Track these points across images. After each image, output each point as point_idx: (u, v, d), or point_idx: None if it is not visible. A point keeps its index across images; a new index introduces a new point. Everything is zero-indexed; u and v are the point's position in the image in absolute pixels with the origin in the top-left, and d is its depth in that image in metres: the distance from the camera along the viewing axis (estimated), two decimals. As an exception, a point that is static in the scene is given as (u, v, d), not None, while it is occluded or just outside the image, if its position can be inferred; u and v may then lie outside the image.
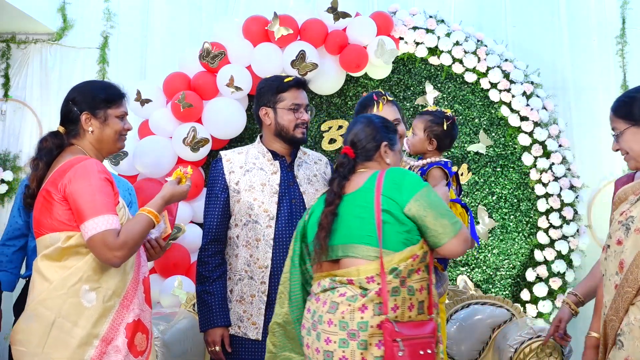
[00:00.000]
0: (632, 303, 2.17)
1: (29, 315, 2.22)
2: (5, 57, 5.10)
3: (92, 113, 2.37)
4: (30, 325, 2.20)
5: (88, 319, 2.22)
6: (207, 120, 4.32)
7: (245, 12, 4.74)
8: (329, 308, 2.20)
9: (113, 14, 5.10)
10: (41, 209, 2.27)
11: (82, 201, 2.20)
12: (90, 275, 2.24)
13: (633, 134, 2.29)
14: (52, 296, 2.20)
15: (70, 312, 2.20)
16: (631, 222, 2.21)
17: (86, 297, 2.23)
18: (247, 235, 2.82)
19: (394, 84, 4.71)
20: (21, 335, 2.22)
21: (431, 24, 4.63)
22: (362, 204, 2.26)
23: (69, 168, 2.25)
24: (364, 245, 2.22)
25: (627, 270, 2.17)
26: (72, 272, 2.22)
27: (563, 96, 4.86)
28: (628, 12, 4.93)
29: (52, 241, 2.24)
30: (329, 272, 2.29)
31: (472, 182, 4.65)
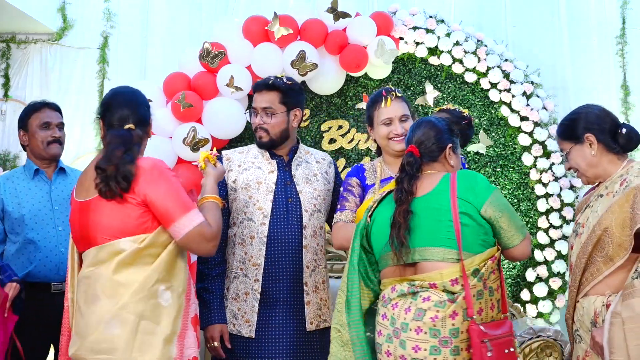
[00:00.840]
0: (577, 301, 2.41)
1: (111, 322, 2.21)
2: (5, 57, 5.10)
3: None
4: (115, 332, 2.21)
5: (168, 318, 2.27)
6: (207, 120, 4.32)
7: (245, 12, 4.75)
8: (414, 315, 2.18)
9: (113, 14, 5.11)
10: (110, 212, 2.27)
11: (169, 202, 2.25)
12: (164, 276, 2.28)
13: (577, 151, 2.48)
14: (133, 300, 2.22)
15: (153, 313, 2.24)
16: (578, 228, 2.46)
17: (163, 297, 2.27)
18: (242, 233, 2.83)
19: (394, 84, 4.70)
20: (106, 344, 2.21)
21: (431, 24, 4.63)
22: (437, 207, 2.26)
23: (139, 172, 2.27)
24: (443, 248, 2.22)
25: (572, 271, 2.44)
26: (149, 274, 2.25)
27: (563, 96, 4.86)
28: (628, 12, 4.93)
29: (125, 246, 2.25)
30: (403, 276, 2.28)
31: (472, 182, 4.64)
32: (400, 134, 2.76)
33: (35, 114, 3.21)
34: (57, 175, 3.24)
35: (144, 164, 2.30)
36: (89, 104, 5.00)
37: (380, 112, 2.79)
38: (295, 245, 2.81)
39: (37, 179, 3.20)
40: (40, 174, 3.21)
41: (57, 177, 3.24)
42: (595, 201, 2.44)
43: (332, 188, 2.96)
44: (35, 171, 3.20)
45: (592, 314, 2.34)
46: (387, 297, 2.29)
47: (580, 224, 2.46)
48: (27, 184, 3.18)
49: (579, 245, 2.41)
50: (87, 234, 2.32)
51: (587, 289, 2.36)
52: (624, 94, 4.87)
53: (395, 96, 2.79)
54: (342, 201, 2.79)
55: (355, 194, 2.79)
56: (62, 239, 3.09)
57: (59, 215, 3.14)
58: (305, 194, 2.87)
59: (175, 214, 2.25)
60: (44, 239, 3.09)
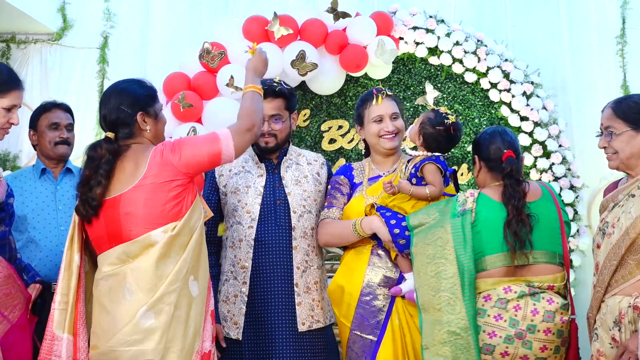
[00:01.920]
0: (602, 301, 2.37)
1: (146, 314, 2.23)
2: (5, 57, 5.10)
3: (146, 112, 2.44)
4: (150, 323, 2.22)
5: (196, 309, 2.30)
6: (207, 120, 4.32)
7: (245, 12, 4.74)
8: (544, 317, 2.35)
9: (113, 14, 5.10)
10: (144, 207, 2.28)
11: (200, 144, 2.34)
12: (193, 266, 2.31)
13: (629, 137, 2.40)
14: (168, 290, 2.24)
15: (185, 304, 2.27)
16: (606, 228, 2.40)
17: (193, 287, 2.30)
18: (232, 236, 2.85)
19: (394, 84, 4.71)
20: (139, 335, 2.22)
21: (431, 24, 4.63)
22: (548, 213, 2.47)
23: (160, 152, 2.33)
24: (555, 253, 2.46)
25: (599, 271, 2.39)
26: (181, 264, 2.27)
27: (563, 96, 4.86)
28: (628, 12, 4.93)
29: (157, 237, 2.26)
30: (518, 277, 2.40)
31: (472, 182, 4.64)
32: (391, 131, 2.78)
33: (45, 114, 3.24)
34: (63, 176, 3.26)
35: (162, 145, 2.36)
36: (89, 104, 5.00)
37: (370, 110, 2.81)
38: (284, 247, 2.82)
39: (43, 178, 3.22)
40: (47, 174, 3.23)
41: (64, 177, 3.26)
42: (626, 201, 2.37)
43: (323, 189, 2.96)
44: (42, 170, 3.23)
45: (616, 314, 2.30)
46: (501, 298, 2.36)
47: (608, 223, 2.40)
48: (34, 183, 3.20)
49: (608, 246, 2.36)
50: (115, 230, 2.31)
51: (616, 291, 2.32)
52: (624, 94, 4.87)
53: (385, 94, 2.81)
54: (329, 199, 2.83)
55: (343, 192, 2.83)
56: (64, 239, 3.08)
57: (63, 215, 3.15)
58: (294, 195, 2.87)
59: (215, 147, 2.33)
60: (46, 239, 3.10)
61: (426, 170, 2.65)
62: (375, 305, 2.63)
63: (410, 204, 2.64)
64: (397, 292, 2.61)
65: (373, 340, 2.60)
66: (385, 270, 2.67)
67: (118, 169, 2.36)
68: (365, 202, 2.73)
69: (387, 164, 2.86)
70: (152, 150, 2.35)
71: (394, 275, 2.65)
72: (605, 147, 2.48)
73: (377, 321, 2.61)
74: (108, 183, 2.33)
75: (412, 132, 2.75)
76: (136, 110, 2.40)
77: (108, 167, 2.34)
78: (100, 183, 2.32)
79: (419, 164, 2.66)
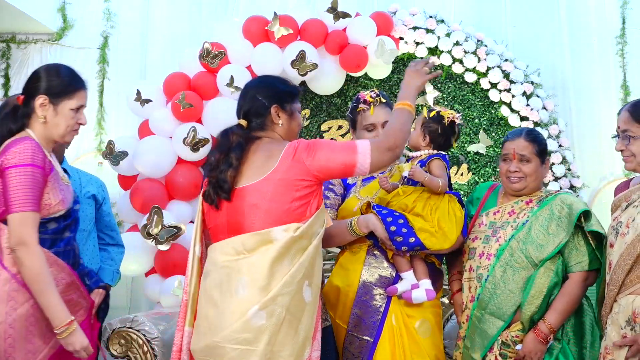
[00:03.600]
0: (615, 300, 2.36)
1: (259, 313, 2.15)
2: (5, 57, 5.10)
3: (281, 106, 2.38)
4: (261, 323, 2.14)
5: (308, 315, 2.22)
6: (207, 120, 4.32)
7: (245, 12, 4.74)
8: None
9: (113, 14, 5.11)
10: (270, 201, 2.21)
11: (338, 154, 2.26)
12: (309, 271, 2.24)
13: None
14: (282, 292, 2.16)
15: (297, 309, 2.19)
16: (619, 227, 2.39)
17: (306, 293, 2.22)
18: None
19: (394, 84, 4.71)
20: (249, 334, 2.14)
21: (431, 24, 4.63)
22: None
23: (295, 150, 2.26)
24: None
25: (612, 270, 2.37)
26: (298, 268, 2.19)
27: (563, 96, 4.86)
28: (628, 12, 4.93)
29: (278, 235, 2.19)
30: None
31: (472, 182, 4.64)
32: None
33: None
34: None
35: (298, 144, 2.28)
36: (88, 104, 4.97)
37: (363, 117, 2.80)
38: None
39: None
40: None
41: None
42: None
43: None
44: None
45: (629, 313, 2.30)
46: None
47: (622, 223, 2.40)
48: None
49: (622, 245, 2.35)
50: (237, 220, 2.25)
51: (630, 290, 2.32)
52: (624, 94, 4.87)
53: (379, 102, 2.78)
54: (323, 199, 2.79)
55: (336, 192, 2.81)
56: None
57: None
58: None
59: (351, 157, 2.26)
60: None
61: (434, 165, 2.65)
62: (372, 306, 2.61)
63: (412, 198, 2.62)
64: (394, 292, 2.60)
65: (370, 341, 2.58)
66: (381, 270, 2.66)
67: (248, 159, 2.29)
68: (359, 203, 2.71)
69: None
70: (286, 145, 2.29)
71: (390, 275, 2.65)
72: (623, 150, 2.46)
73: (374, 321, 2.60)
74: (240, 167, 2.27)
75: (413, 137, 2.74)
76: (271, 103, 2.36)
77: (239, 152, 2.28)
78: (232, 165, 2.26)
79: (426, 159, 2.66)
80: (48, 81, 2.36)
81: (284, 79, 2.49)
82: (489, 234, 2.66)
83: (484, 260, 2.62)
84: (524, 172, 2.64)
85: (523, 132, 2.72)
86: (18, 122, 2.35)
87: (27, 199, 2.20)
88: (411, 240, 2.52)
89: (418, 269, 2.63)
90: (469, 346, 2.59)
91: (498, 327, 2.54)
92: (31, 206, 2.21)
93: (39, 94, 2.33)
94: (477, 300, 2.59)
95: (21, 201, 2.19)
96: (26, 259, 2.20)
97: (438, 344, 2.65)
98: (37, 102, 2.33)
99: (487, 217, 2.71)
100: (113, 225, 3.56)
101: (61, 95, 2.36)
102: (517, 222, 2.62)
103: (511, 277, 2.54)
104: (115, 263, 3.51)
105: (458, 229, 2.59)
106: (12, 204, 2.20)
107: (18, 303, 2.22)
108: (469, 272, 2.67)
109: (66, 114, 2.38)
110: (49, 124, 2.36)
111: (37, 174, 2.22)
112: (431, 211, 2.58)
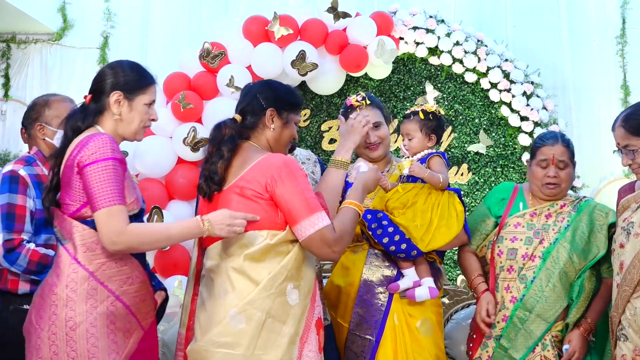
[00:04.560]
0: (628, 301, 2.34)
1: (237, 317, 2.14)
2: (5, 57, 5.10)
3: (277, 112, 2.32)
4: (240, 327, 2.13)
5: (294, 318, 2.19)
6: (207, 120, 4.33)
7: (245, 12, 4.74)
8: None
9: (113, 14, 5.11)
10: (236, 206, 2.18)
11: (294, 202, 2.15)
12: (293, 274, 2.20)
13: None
14: (261, 296, 2.14)
15: (279, 312, 2.17)
16: (631, 227, 2.37)
17: (291, 296, 2.19)
18: None
19: (394, 84, 4.71)
20: (229, 338, 2.13)
21: (431, 24, 4.63)
22: None
23: (267, 166, 2.19)
24: None
25: (626, 270, 2.34)
26: (279, 271, 2.16)
27: (563, 96, 4.87)
28: (628, 12, 4.93)
29: (252, 239, 2.17)
30: None
31: (472, 182, 4.64)
32: (373, 142, 2.73)
33: None
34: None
35: (272, 159, 2.21)
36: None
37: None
38: None
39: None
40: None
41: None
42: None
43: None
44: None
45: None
46: None
47: (634, 223, 2.38)
48: None
49: (636, 246, 2.34)
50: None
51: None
52: (624, 94, 4.88)
53: (364, 105, 2.73)
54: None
55: None
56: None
57: None
58: None
59: (300, 214, 2.15)
60: None
61: (435, 162, 2.65)
62: (374, 304, 2.60)
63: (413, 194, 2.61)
64: (395, 289, 2.59)
65: (372, 340, 2.57)
66: (382, 269, 2.65)
67: (235, 156, 2.27)
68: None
69: (379, 167, 2.84)
70: (262, 157, 2.23)
71: (391, 273, 2.64)
72: (630, 164, 2.44)
73: (376, 320, 2.59)
74: (232, 159, 2.25)
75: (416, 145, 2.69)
76: (269, 105, 2.31)
77: (231, 144, 2.27)
78: (223, 156, 2.25)
79: (425, 157, 2.66)
80: (121, 77, 2.28)
81: (291, 88, 2.44)
82: (530, 235, 2.66)
83: (528, 262, 2.62)
84: (561, 178, 2.63)
85: (559, 137, 2.69)
86: (87, 120, 2.24)
87: (113, 193, 2.09)
88: (403, 246, 2.52)
89: (420, 267, 2.62)
90: (507, 346, 2.60)
91: (543, 328, 2.57)
92: (118, 200, 2.09)
93: (113, 91, 2.25)
94: (521, 302, 2.60)
95: (107, 197, 2.07)
96: (134, 241, 2.09)
97: (439, 343, 2.65)
98: (112, 98, 2.24)
99: (523, 218, 2.71)
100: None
101: (136, 90, 2.29)
102: (559, 225, 2.64)
103: (559, 280, 2.58)
104: None
105: (459, 224, 2.59)
106: (97, 200, 2.07)
107: (98, 301, 2.13)
108: (508, 272, 2.65)
109: (140, 110, 2.30)
110: (123, 120, 2.28)
111: (118, 168, 2.12)
112: (432, 207, 2.58)
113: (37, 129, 2.75)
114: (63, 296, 2.11)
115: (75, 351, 2.08)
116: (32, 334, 2.14)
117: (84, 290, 2.12)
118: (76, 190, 2.15)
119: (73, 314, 2.10)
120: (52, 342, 2.10)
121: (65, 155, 2.19)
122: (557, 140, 2.66)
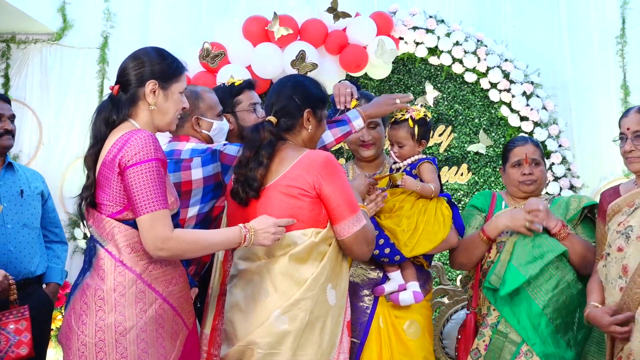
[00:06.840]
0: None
1: (281, 318, 2.13)
2: (5, 57, 5.10)
3: (313, 112, 2.31)
4: (283, 327, 2.12)
5: (333, 318, 2.19)
6: (207, 120, 4.32)
7: (245, 12, 4.75)
8: None
9: (113, 14, 5.11)
10: (280, 204, 2.17)
11: (340, 200, 2.18)
12: (331, 274, 2.20)
13: None
14: (305, 297, 2.13)
15: (321, 312, 2.16)
16: (630, 231, 2.39)
17: (330, 296, 2.19)
18: None
19: (394, 84, 4.71)
20: (271, 339, 2.12)
21: (431, 24, 4.63)
22: None
23: (311, 164, 2.18)
24: None
25: (634, 273, 2.34)
26: (320, 271, 2.16)
27: (563, 96, 4.86)
28: (628, 12, 4.93)
29: (295, 239, 2.16)
30: None
31: (472, 182, 4.64)
32: (367, 140, 2.74)
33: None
34: (5, 172, 3.13)
35: (315, 157, 2.20)
36: (89, 104, 5.00)
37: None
38: None
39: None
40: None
41: (5, 173, 3.13)
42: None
43: None
44: None
45: None
46: None
47: (633, 227, 2.39)
48: None
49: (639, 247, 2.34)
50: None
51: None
52: (624, 94, 4.87)
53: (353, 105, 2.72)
54: None
55: None
56: (10, 237, 2.99)
57: (8, 212, 3.02)
58: None
59: (345, 213, 2.18)
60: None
61: (425, 169, 2.63)
62: (359, 307, 2.59)
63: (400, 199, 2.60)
64: (381, 292, 2.58)
65: (356, 343, 2.54)
66: (368, 272, 2.64)
67: (274, 159, 2.24)
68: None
69: (371, 168, 2.84)
70: (303, 154, 2.22)
71: (377, 276, 2.63)
72: (632, 150, 2.46)
73: (361, 323, 2.58)
74: (270, 165, 2.21)
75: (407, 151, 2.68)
76: (306, 106, 2.29)
77: (271, 149, 2.22)
78: (262, 164, 2.20)
79: (416, 163, 2.65)
80: (156, 65, 2.23)
81: (317, 82, 2.42)
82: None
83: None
84: (536, 175, 2.74)
85: (528, 138, 2.85)
86: (121, 112, 2.13)
87: (157, 197, 2.00)
88: (387, 251, 2.52)
89: (406, 271, 2.60)
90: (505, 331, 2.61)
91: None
92: (162, 204, 2.00)
93: (148, 80, 2.17)
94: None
95: (151, 201, 1.99)
96: (179, 247, 2.01)
97: (427, 345, 2.63)
98: (148, 88, 2.15)
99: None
100: (57, 221, 3.40)
101: (171, 78, 2.22)
102: None
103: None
104: (61, 261, 3.35)
105: (446, 230, 2.57)
106: (141, 205, 1.99)
107: (147, 304, 2.05)
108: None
109: (176, 99, 2.20)
110: (159, 110, 2.17)
111: (161, 169, 2.03)
112: (419, 212, 2.56)
113: (193, 122, 2.67)
114: (111, 300, 2.02)
115: (125, 357, 2.00)
116: (72, 340, 2.05)
117: (132, 294, 2.04)
118: (116, 191, 2.05)
119: (122, 318, 2.02)
120: (100, 348, 2.01)
121: (103, 152, 2.09)
122: (527, 140, 2.81)
